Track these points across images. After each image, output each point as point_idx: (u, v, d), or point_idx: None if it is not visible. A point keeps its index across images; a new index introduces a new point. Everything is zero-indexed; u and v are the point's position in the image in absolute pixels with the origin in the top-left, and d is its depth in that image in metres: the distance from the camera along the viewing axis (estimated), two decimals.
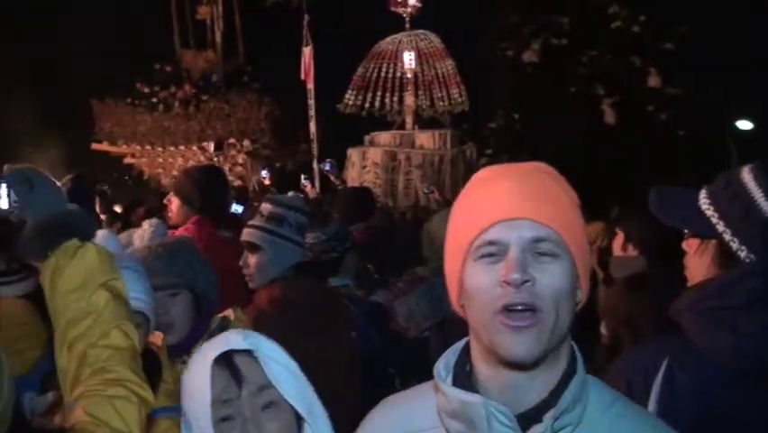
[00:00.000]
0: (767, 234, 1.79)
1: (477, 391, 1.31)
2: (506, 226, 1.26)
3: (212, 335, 2.46)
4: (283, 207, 3.22)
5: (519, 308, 1.23)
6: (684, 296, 1.90)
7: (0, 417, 1.30)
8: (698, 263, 1.92)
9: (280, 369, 1.56)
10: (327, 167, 11.10)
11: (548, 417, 1.25)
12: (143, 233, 3.45)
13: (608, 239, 4.56)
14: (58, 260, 1.75)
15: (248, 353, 1.55)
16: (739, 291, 1.75)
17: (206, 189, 3.99)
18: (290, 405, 1.57)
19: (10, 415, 1.34)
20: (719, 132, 16.07)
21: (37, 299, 1.88)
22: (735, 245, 1.82)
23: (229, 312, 2.68)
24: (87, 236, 1.83)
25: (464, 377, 1.35)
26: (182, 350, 2.44)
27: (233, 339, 1.56)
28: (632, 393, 1.77)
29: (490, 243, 1.27)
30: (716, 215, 1.84)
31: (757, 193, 1.81)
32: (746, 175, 1.85)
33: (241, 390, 1.52)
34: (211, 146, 11.08)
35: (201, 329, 2.50)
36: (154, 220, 3.52)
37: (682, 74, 17.32)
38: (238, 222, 4.27)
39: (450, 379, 1.35)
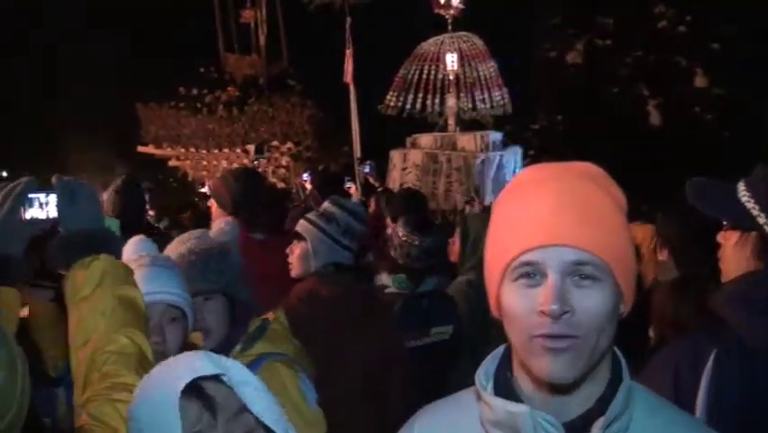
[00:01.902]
0: None
1: (519, 399, 1.27)
2: (546, 250, 1.20)
3: (251, 338, 2.50)
4: (338, 208, 3.29)
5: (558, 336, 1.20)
6: (725, 288, 1.88)
7: (16, 412, 1.33)
8: (737, 256, 1.90)
9: (251, 390, 1.43)
10: (367, 169, 11.15)
11: (598, 426, 1.22)
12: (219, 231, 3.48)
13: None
14: (74, 272, 1.84)
15: (217, 378, 1.41)
16: None
17: (237, 192, 4.03)
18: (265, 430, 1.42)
19: (25, 413, 1.37)
20: (765, 132, 15.76)
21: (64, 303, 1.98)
22: None
23: (270, 315, 2.70)
24: (111, 253, 1.90)
25: (506, 385, 1.31)
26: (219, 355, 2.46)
27: (198, 365, 1.41)
28: (679, 378, 1.77)
29: (528, 263, 1.22)
30: (756, 207, 1.82)
31: None
32: None
33: (216, 419, 1.37)
34: (252, 149, 11.18)
35: (238, 333, 2.51)
36: (229, 219, 3.56)
37: (728, 74, 17.04)
38: (274, 224, 4.30)
39: (491, 387, 1.31)
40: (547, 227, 1.21)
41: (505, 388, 1.31)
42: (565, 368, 1.20)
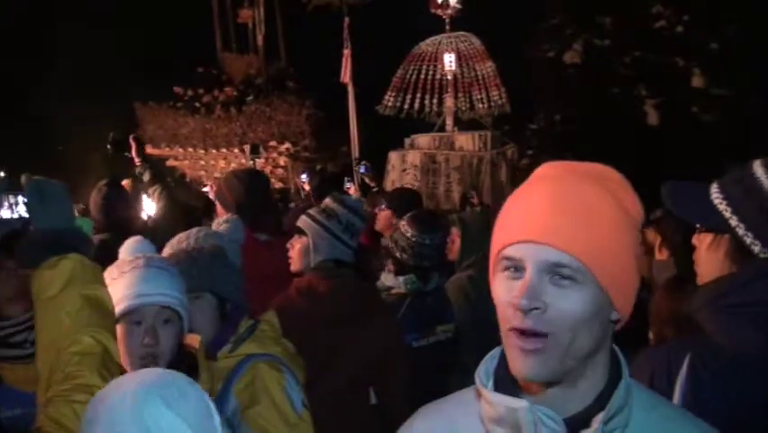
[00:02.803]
0: None
1: (519, 397, 1.27)
2: (527, 246, 1.21)
3: (240, 338, 2.49)
4: (339, 205, 3.29)
5: (527, 332, 1.20)
6: (700, 293, 1.85)
7: None
8: (710, 259, 1.86)
9: None
10: (363, 169, 11.13)
11: (597, 421, 1.22)
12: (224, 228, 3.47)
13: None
14: (42, 271, 1.84)
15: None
16: (760, 286, 1.72)
17: (239, 193, 4.02)
18: None
19: None
20: (764, 133, 15.79)
21: None
22: (749, 240, 1.76)
23: (263, 315, 2.68)
24: (80, 253, 1.89)
25: (506, 382, 1.31)
26: (208, 354, 2.45)
27: (117, 419, 1.32)
28: (654, 384, 1.75)
29: (508, 258, 1.24)
30: (729, 209, 1.79)
31: None
32: (759, 169, 1.79)
33: None
34: (247, 149, 11.13)
35: (227, 333, 2.50)
36: (233, 216, 3.54)
37: (727, 74, 17.06)
38: (278, 224, 4.29)
39: (491, 384, 1.31)
40: (532, 224, 1.22)
41: (505, 386, 1.31)
42: (535, 368, 1.21)
